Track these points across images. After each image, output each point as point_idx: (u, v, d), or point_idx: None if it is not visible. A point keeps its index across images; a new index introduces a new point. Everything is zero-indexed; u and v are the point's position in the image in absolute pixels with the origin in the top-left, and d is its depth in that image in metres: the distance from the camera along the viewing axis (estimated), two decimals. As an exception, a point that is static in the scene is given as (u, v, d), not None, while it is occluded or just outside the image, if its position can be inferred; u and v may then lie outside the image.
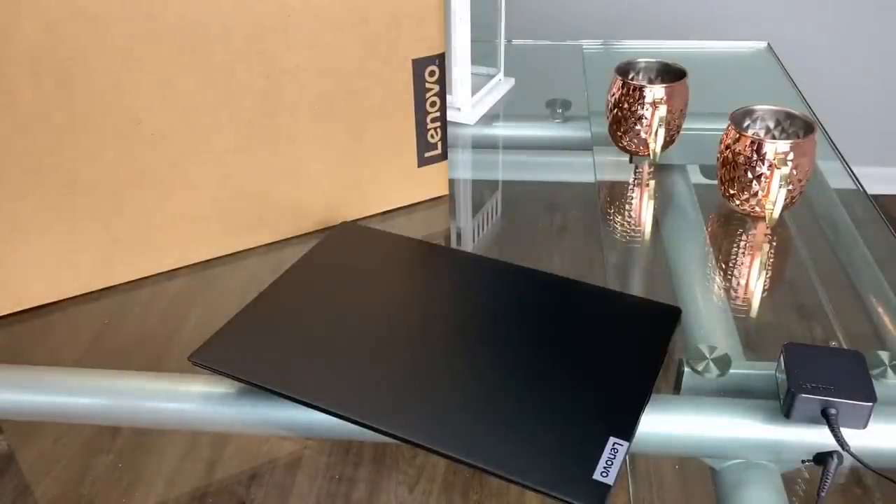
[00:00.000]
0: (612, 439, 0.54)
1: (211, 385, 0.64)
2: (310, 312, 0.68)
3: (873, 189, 0.85)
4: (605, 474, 0.52)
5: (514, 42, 1.26)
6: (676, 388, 0.63)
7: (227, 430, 0.61)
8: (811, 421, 0.57)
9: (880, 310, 0.72)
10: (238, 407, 0.62)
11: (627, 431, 0.55)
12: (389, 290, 0.70)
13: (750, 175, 0.78)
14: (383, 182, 0.83)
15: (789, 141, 0.77)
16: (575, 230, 0.84)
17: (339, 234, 0.78)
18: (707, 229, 0.83)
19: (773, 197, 0.77)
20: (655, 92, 0.87)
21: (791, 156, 0.76)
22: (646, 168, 0.93)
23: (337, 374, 0.61)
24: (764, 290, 0.74)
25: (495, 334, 0.65)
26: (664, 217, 0.85)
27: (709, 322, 0.70)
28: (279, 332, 0.66)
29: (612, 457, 0.53)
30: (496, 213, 0.87)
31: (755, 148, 0.77)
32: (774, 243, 0.80)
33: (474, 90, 1.05)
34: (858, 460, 0.55)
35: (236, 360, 0.63)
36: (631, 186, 0.90)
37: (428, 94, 0.81)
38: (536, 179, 0.94)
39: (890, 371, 0.64)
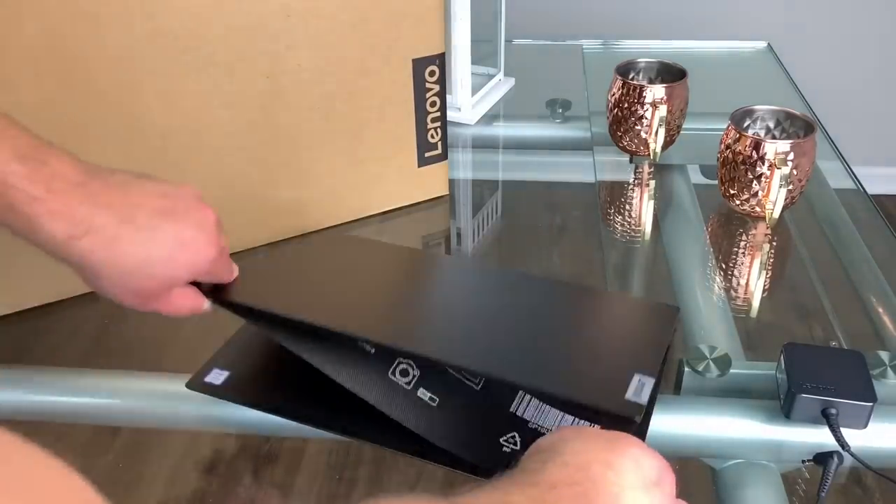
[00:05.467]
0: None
1: (211, 385, 0.64)
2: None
3: (873, 189, 0.84)
4: None
5: (514, 42, 1.26)
6: (676, 388, 0.63)
7: (227, 430, 0.61)
8: (811, 421, 0.57)
9: (880, 310, 0.72)
10: (238, 407, 0.62)
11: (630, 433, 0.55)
12: (384, 301, 0.69)
13: (750, 175, 0.78)
14: (383, 182, 0.83)
15: (789, 141, 0.77)
16: (575, 230, 0.84)
17: (325, 245, 0.76)
18: (707, 229, 0.83)
19: (773, 197, 0.77)
20: (655, 92, 0.87)
21: (791, 156, 0.76)
22: (646, 168, 0.93)
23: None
24: (764, 290, 0.74)
25: (495, 334, 0.65)
26: (664, 217, 0.85)
27: (709, 322, 0.70)
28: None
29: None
30: (496, 213, 0.87)
31: (755, 148, 0.77)
32: (774, 243, 0.80)
33: (474, 90, 1.04)
34: (858, 460, 0.55)
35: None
36: (631, 186, 0.90)
37: (428, 94, 0.81)
38: (536, 179, 0.94)
39: (890, 371, 0.64)
